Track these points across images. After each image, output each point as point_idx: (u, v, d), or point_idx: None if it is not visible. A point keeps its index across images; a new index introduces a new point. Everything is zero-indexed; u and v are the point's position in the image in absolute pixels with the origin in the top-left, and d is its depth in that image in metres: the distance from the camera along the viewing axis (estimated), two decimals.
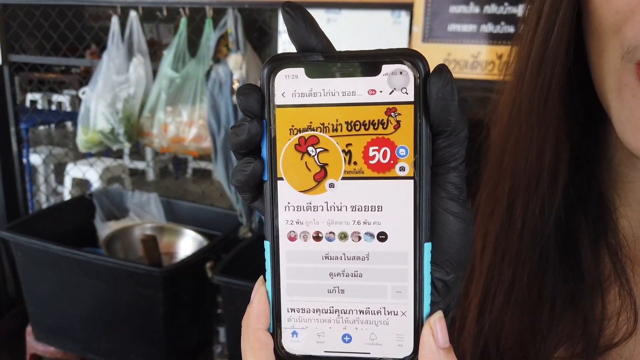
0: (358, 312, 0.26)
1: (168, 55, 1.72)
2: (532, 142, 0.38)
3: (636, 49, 0.31)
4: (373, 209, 0.26)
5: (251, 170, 0.26)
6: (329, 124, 0.25)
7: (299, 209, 0.26)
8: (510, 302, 0.40)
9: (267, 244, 0.27)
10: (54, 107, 6.06)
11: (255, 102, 0.26)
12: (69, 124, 5.61)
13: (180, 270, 1.45)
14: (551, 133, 0.38)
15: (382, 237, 0.26)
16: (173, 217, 1.90)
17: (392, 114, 0.25)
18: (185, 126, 1.68)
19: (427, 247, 0.26)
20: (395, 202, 0.25)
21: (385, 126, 0.25)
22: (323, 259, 0.26)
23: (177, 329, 1.54)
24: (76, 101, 6.01)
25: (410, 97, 0.25)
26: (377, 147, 0.25)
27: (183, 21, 1.72)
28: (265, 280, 0.28)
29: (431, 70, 0.25)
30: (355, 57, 0.25)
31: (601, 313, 0.38)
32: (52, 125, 5.24)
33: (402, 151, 0.25)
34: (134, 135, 1.75)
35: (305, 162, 0.26)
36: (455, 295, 0.27)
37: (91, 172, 2.93)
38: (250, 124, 0.26)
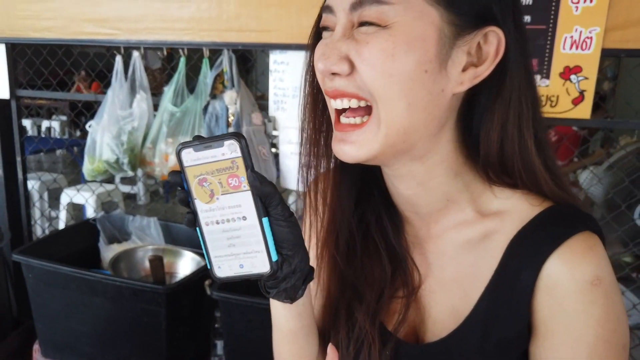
0: (243, 254, 0.55)
1: (168, 92, 1.87)
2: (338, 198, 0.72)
3: (329, 103, 0.62)
4: (237, 206, 0.53)
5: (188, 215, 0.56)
6: (208, 171, 0.52)
7: (206, 211, 0.54)
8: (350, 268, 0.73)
9: (198, 230, 0.55)
10: (43, 134, 6.12)
11: (178, 176, 0.54)
12: (58, 150, 5.69)
13: (182, 288, 1.56)
14: (346, 190, 0.72)
15: (244, 218, 0.53)
16: (171, 239, 2.01)
17: (233, 162, 0.51)
18: None
19: (265, 220, 0.53)
20: (244, 201, 0.53)
21: (232, 169, 0.52)
22: (222, 232, 0.54)
23: (177, 342, 1.63)
24: (66, 127, 6.10)
25: (239, 154, 0.51)
26: (232, 178, 0.52)
27: (182, 60, 1.88)
28: None
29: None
30: (212, 139, 0.51)
31: (412, 269, 0.70)
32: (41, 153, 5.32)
33: (242, 178, 0.52)
34: (137, 165, 1.88)
35: (204, 190, 0.53)
36: (299, 262, 0.57)
37: (86, 197, 3.04)
38: (180, 193, 0.54)
